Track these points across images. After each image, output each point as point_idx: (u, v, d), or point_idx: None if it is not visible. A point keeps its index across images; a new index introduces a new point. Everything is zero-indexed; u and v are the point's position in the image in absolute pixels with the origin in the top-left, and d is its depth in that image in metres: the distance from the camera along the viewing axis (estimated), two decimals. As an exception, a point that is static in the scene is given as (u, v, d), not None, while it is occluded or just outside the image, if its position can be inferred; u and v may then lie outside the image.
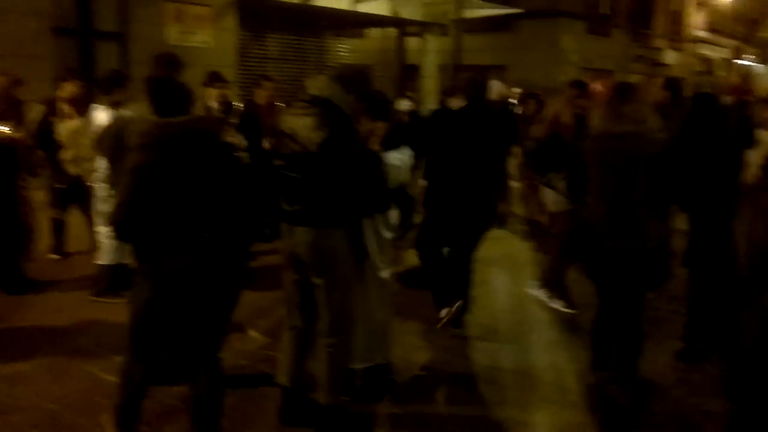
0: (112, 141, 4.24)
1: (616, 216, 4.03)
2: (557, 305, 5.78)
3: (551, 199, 5.75)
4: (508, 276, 6.92)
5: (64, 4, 10.04)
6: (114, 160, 4.49)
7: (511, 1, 17.81)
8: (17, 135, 5.55)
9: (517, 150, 9.81)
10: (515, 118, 9.21)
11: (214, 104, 6.49)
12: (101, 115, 5.45)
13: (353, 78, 3.68)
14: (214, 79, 6.72)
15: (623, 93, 4.10)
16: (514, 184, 10.01)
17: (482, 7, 15.70)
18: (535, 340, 5.20)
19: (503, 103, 10.53)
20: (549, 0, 19.72)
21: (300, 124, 3.51)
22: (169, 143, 3.06)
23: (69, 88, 6.40)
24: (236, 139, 6.23)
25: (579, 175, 4.24)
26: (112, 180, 4.68)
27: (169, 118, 3.10)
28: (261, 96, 7.63)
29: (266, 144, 6.94)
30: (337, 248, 3.58)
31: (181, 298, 3.15)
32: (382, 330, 4.22)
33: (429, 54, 16.46)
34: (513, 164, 9.81)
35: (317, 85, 3.70)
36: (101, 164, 5.49)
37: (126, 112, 4.29)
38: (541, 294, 5.90)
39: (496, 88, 10.86)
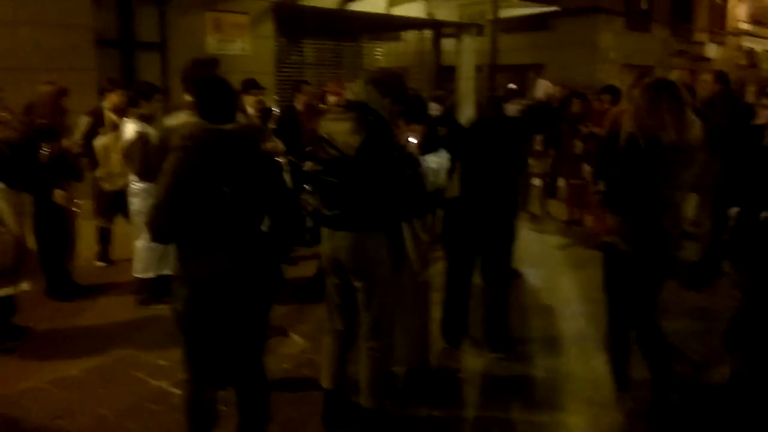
0: (158, 153, 4.28)
1: (673, 228, 3.82)
2: None
3: None
4: (545, 280, 6.86)
5: (107, 17, 10.27)
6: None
7: (549, -1, 17.64)
8: (65, 145, 5.72)
9: (551, 151, 9.70)
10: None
11: (251, 111, 6.57)
12: (129, 129, 5.55)
13: (388, 81, 3.67)
14: (251, 86, 6.80)
15: (674, 95, 3.66)
16: (559, 184, 9.90)
17: (519, 6, 15.57)
18: (572, 344, 5.14)
19: (547, 103, 10.41)
20: (587, -3, 19.47)
21: (337, 128, 3.54)
22: (213, 148, 3.03)
23: (113, 98, 6.55)
24: (275, 144, 6.30)
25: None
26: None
27: (216, 123, 3.07)
28: (300, 101, 7.71)
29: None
30: (376, 252, 3.59)
31: (220, 304, 3.13)
32: (421, 333, 4.22)
33: (465, 55, 16.38)
34: (547, 163, 9.70)
35: (353, 89, 3.71)
36: (134, 178, 5.59)
37: (169, 122, 4.34)
38: None
39: (542, 87, 10.74)
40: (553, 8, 16.31)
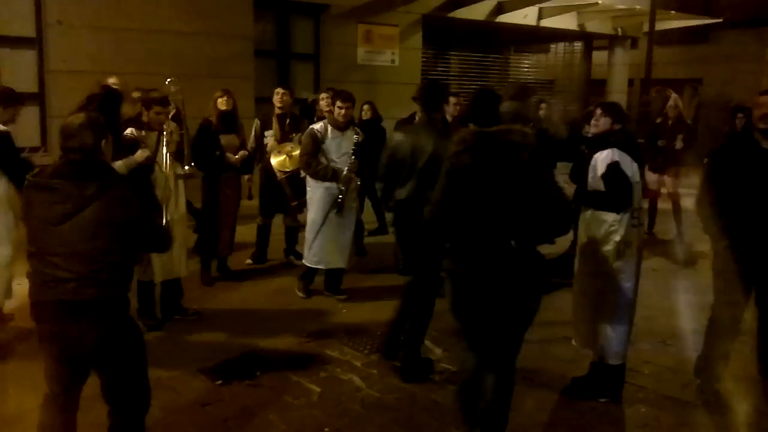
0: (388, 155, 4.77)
1: None
2: None
3: None
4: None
5: (266, 29, 10.85)
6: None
7: (711, 10, 16.69)
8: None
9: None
10: None
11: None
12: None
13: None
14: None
15: None
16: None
17: (678, 18, 14.84)
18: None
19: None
20: (755, 8, 18.20)
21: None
22: (479, 150, 3.26)
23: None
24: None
25: None
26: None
27: (485, 127, 3.35)
28: (448, 112, 7.75)
29: None
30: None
31: (486, 301, 3.30)
32: None
33: (617, 68, 15.83)
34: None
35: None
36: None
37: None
38: None
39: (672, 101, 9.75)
40: (715, 20, 15.42)
